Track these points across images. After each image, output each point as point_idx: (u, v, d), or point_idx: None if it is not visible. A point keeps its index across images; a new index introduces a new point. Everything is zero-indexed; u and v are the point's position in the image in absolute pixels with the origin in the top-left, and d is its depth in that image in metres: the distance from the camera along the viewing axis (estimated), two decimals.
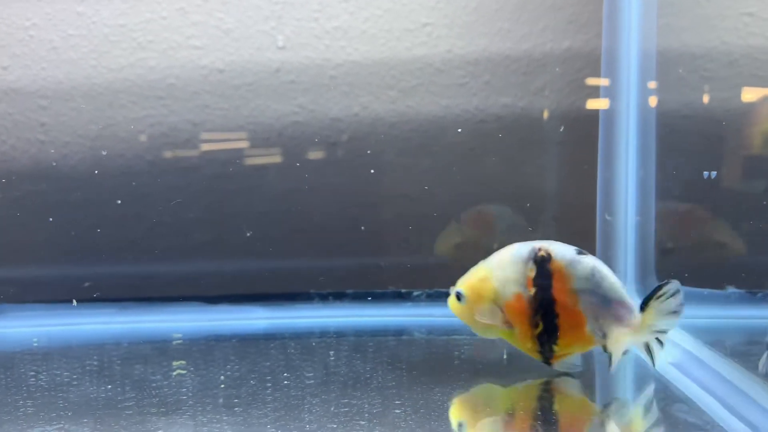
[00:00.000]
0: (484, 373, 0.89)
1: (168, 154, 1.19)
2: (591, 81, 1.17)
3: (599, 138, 1.14)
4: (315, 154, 1.19)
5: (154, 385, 0.82)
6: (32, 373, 0.88)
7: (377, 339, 1.02)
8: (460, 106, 1.19)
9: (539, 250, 0.84)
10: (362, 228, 1.18)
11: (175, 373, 0.86)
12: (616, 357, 0.83)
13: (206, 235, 1.19)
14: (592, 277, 0.83)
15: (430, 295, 1.16)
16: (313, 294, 1.14)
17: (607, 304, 0.83)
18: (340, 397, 0.77)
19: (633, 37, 1.05)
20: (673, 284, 0.81)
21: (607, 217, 1.11)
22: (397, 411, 0.73)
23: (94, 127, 1.18)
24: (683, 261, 1.00)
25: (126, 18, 1.17)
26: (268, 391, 0.80)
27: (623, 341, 0.82)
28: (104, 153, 1.18)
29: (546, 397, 0.84)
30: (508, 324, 0.85)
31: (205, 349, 0.99)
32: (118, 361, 0.93)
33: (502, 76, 1.18)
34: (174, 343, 1.03)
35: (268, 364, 0.90)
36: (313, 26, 1.18)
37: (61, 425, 0.70)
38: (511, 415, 0.78)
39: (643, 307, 0.82)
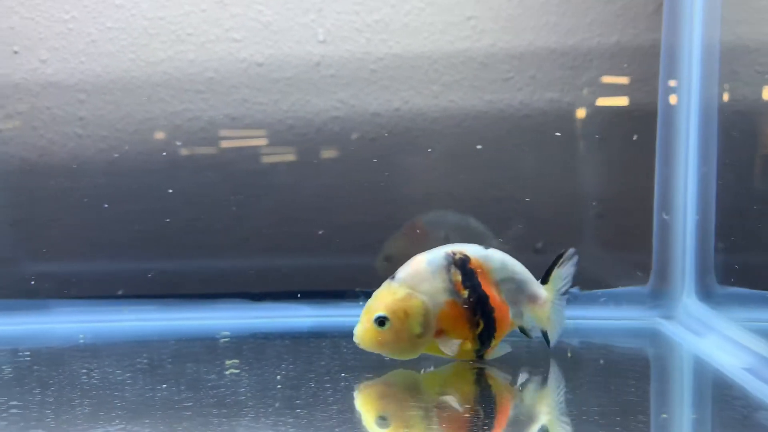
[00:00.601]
0: None
1: (206, 148, 1.17)
2: (639, 76, 1.14)
3: (657, 134, 1.10)
4: (355, 150, 1.17)
5: (209, 384, 0.80)
6: (84, 370, 0.86)
7: None
8: (505, 101, 1.16)
9: (454, 254, 0.85)
10: (403, 225, 1.16)
11: (228, 372, 0.84)
12: (553, 331, 0.89)
13: (243, 232, 1.17)
14: (506, 266, 0.88)
15: None
16: (358, 292, 1.11)
17: (521, 287, 0.89)
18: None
19: (695, 30, 1.02)
20: (569, 250, 0.91)
21: (665, 216, 1.08)
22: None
23: (132, 120, 1.17)
24: (744, 261, 0.97)
25: (165, 11, 1.15)
26: (329, 392, 0.78)
27: (542, 315, 0.89)
28: (142, 147, 1.17)
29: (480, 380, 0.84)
30: (440, 334, 0.84)
31: (255, 347, 0.97)
32: (169, 359, 0.91)
33: (548, 70, 1.15)
34: (221, 341, 1.01)
35: (323, 363, 0.87)
36: (353, 19, 1.16)
37: (122, 426, 0.68)
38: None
39: (546, 279, 0.90)
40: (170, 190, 1.15)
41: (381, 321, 0.81)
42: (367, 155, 1.17)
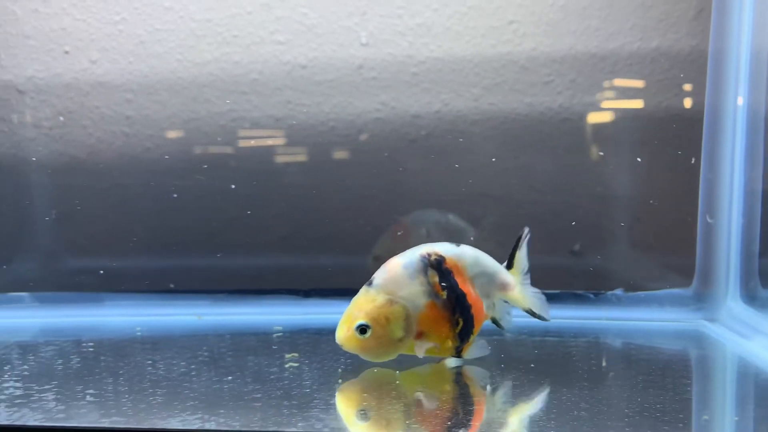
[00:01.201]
0: None
1: (250, 148, 1.19)
2: (680, 80, 1.15)
3: (703, 138, 1.11)
4: (395, 151, 1.19)
5: (272, 377, 0.81)
6: (149, 361, 0.87)
7: None
8: (545, 104, 1.17)
9: (429, 255, 0.86)
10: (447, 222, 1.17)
11: (288, 365, 0.85)
12: (539, 306, 0.91)
13: (286, 230, 1.19)
14: (478, 261, 0.90)
15: None
16: None
17: (493, 279, 0.90)
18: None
19: (744, 35, 1.02)
20: (525, 230, 0.93)
21: (709, 220, 1.08)
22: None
23: (177, 120, 1.19)
24: None
25: (212, 13, 1.18)
26: (392, 385, 0.79)
27: (518, 298, 0.91)
28: (187, 147, 1.19)
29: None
30: (420, 335, 0.85)
31: (309, 341, 0.98)
32: (229, 352, 0.92)
33: (588, 74, 1.16)
34: (275, 335, 1.02)
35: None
36: (396, 23, 1.18)
37: (199, 415, 0.69)
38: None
39: (511, 264, 0.92)
40: (214, 189, 1.18)
41: (362, 329, 0.82)
42: (407, 156, 1.19)
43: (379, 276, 0.85)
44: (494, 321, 0.92)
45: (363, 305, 0.83)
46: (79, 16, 1.18)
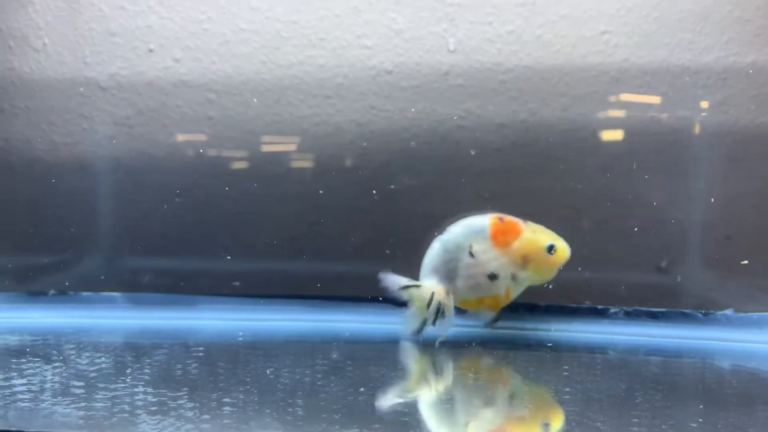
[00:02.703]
0: None
1: (331, 154, 1.17)
2: None
3: None
4: (478, 159, 1.17)
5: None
6: (269, 370, 0.84)
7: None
8: (635, 116, 1.15)
9: None
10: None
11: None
12: None
13: (369, 235, 1.17)
14: None
15: (627, 313, 1.11)
16: None
17: None
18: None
19: None
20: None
21: None
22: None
23: (260, 122, 1.18)
24: None
25: (299, 15, 1.17)
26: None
27: None
28: (269, 150, 1.18)
29: None
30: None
31: (428, 350, 0.95)
32: (349, 361, 0.90)
33: (680, 88, 1.14)
34: (382, 344, 1.00)
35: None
36: (486, 30, 1.16)
37: (356, 429, 0.66)
38: None
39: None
40: (297, 191, 1.16)
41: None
42: (491, 165, 1.17)
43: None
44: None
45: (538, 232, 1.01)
46: (164, 14, 1.17)
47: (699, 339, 1.01)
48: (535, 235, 1.01)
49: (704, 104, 1.14)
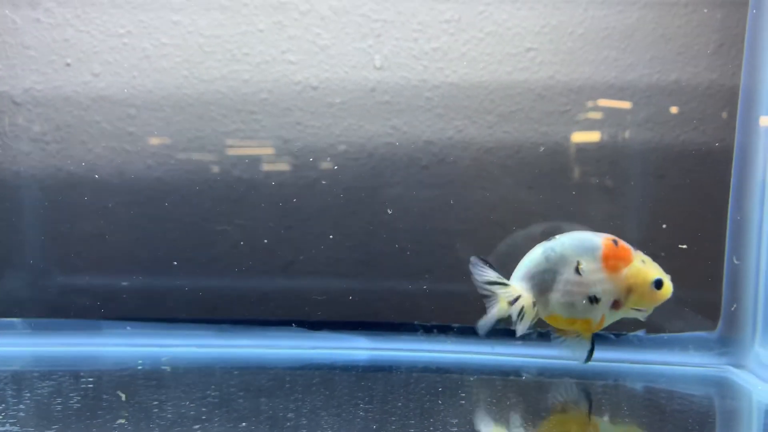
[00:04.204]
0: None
1: (257, 170, 1.15)
2: (698, 114, 1.13)
3: (732, 176, 1.09)
4: (406, 177, 1.16)
5: (288, 424, 0.75)
6: (155, 402, 0.79)
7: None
8: (561, 134, 1.15)
9: None
10: (456, 255, 1.14)
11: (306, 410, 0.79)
12: None
13: (291, 255, 1.15)
14: None
15: (541, 334, 1.10)
16: (417, 325, 1.09)
17: None
18: None
19: None
20: None
21: (736, 261, 1.06)
22: None
23: (182, 138, 1.15)
24: None
25: (222, 29, 1.14)
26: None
27: None
28: (191, 166, 1.15)
29: None
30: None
31: (322, 381, 0.92)
32: (241, 393, 0.86)
33: (605, 105, 1.14)
34: (285, 372, 0.96)
35: (399, 404, 0.81)
36: (412, 46, 1.15)
37: None
38: None
39: None
40: (206, 217, 1.13)
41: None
42: (419, 182, 1.16)
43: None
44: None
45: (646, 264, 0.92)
46: (82, 27, 1.14)
47: (611, 361, 1.01)
48: (645, 266, 0.92)
49: (629, 121, 1.15)
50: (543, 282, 0.91)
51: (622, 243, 0.93)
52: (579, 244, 0.92)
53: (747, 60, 1.08)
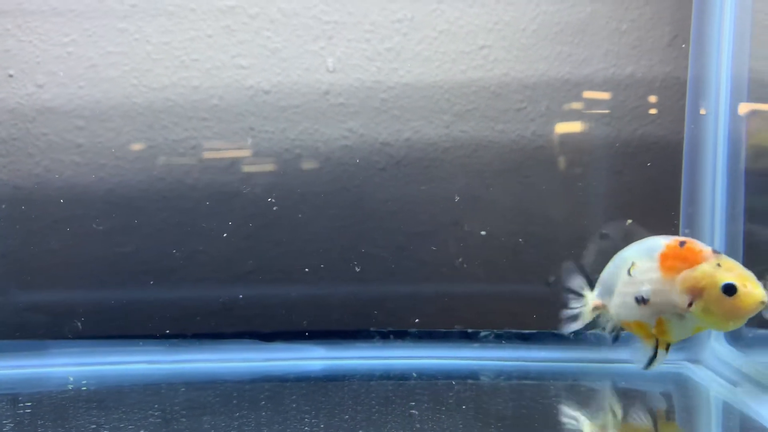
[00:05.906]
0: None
1: (210, 178, 1.13)
2: (654, 107, 1.13)
3: (683, 170, 1.08)
4: (364, 180, 1.14)
5: None
6: (93, 426, 0.77)
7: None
8: (517, 131, 1.14)
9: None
10: (416, 258, 1.12)
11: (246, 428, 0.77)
12: None
13: (248, 265, 1.13)
14: None
15: (498, 336, 1.09)
16: (373, 332, 1.07)
17: None
18: None
19: (723, 63, 1.00)
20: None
21: None
22: None
23: (132, 148, 1.12)
24: None
25: (170, 35, 1.12)
26: None
27: None
28: (143, 176, 1.12)
29: None
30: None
31: (270, 394, 0.90)
32: (183, 411, 0.83)
33: (561, 101, 1.14)
34: (234, 386, 0.94)
35: (347, 417, 0.79)
36: (364, 47, 1.13)
37: None
38: None
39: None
40: (158, 227, 1.11)
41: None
42: (377, 185, 1.14)
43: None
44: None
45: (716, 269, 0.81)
46: (23, 37, 1.11)
47: (568, 361, 1.00)
48: (715, 270, 0.81)
49: (586, 116, 1.14)
50: (610, 285, 0.90)
51: (693, 245, 0.85)
52: (641, 246, 0.89)
53: (693, 51, 1.08)
